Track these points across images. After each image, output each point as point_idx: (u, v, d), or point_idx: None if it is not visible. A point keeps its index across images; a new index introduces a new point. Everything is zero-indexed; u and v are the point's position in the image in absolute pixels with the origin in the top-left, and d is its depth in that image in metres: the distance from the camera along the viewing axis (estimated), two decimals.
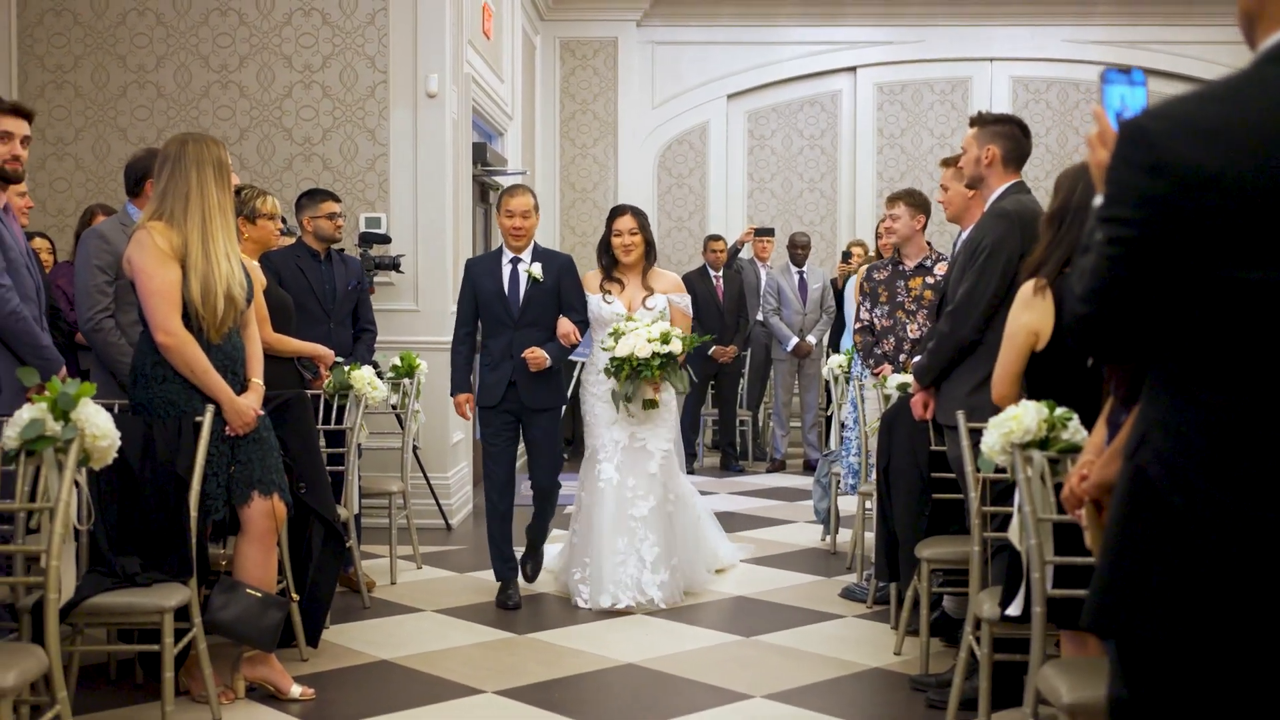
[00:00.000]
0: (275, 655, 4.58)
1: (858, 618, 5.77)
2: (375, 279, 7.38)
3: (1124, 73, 2.00)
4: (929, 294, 5.96)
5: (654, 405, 5.95)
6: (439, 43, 7.80)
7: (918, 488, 4.92)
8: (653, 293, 6.12)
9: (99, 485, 4.05)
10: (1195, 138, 1.75)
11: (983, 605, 3.85)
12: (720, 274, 10.48)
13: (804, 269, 10.62)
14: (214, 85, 7.91)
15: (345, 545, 5.26)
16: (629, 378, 5.82)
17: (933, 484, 4.87)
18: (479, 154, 8.98)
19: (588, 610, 5.82)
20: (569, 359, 6.28)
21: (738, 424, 10.95)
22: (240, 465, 4.43)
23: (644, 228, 6.14)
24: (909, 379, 5.10)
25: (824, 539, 7.39)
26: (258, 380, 4.53)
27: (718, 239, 10.69)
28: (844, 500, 7.32)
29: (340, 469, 5.76)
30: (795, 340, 10.42)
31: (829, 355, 8.82)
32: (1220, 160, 1.73)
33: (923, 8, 12.11)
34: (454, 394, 6.11)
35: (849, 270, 9.57)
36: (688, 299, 6.29)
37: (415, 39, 7.79)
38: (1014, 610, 3.57)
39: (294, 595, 4.85)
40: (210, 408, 4.28)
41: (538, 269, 5.98)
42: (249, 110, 7.90)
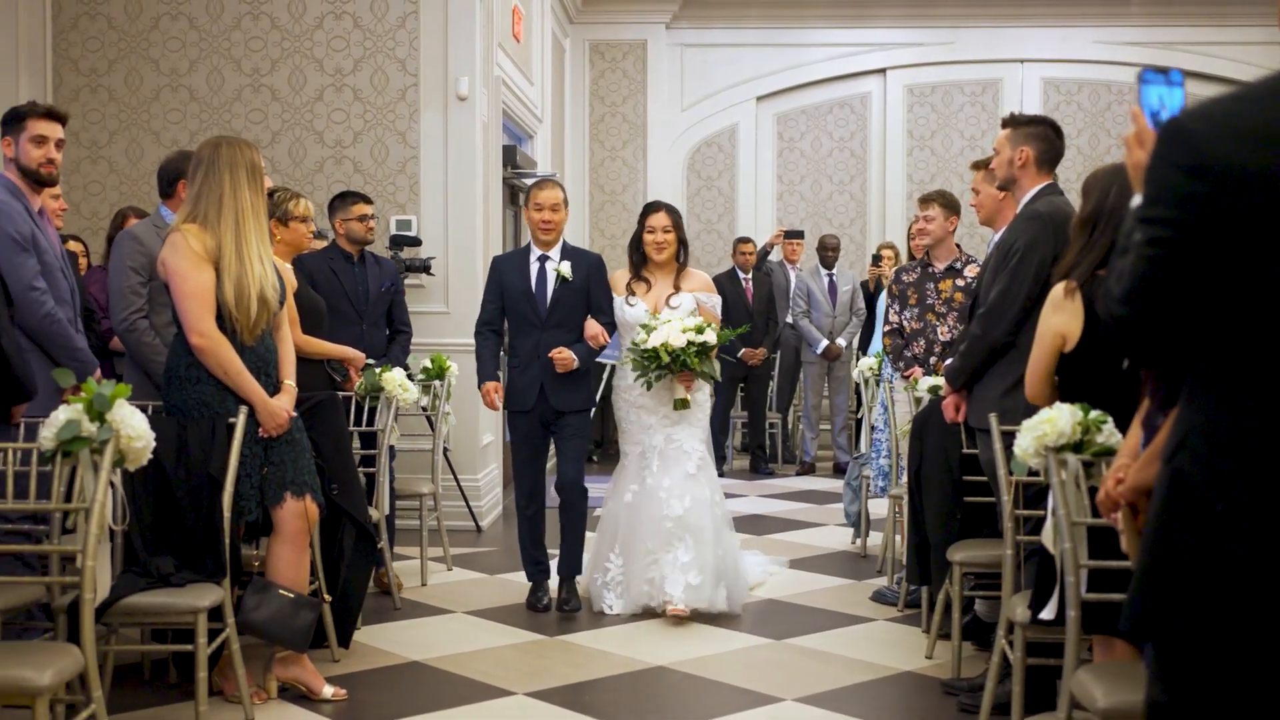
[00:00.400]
0: (307, 656, 4.60)
1: (889, 621, 5.75)
2: (406, 281, 7.41)
3: (1161, 73, 1.98)
4: (959, 296, 5.93)
5: (685, 405, 5.82)
6: (469, 46, 7.83)
7: (949, 491, 4.90)
8: (678, 291, 5.96)
9: (134, 486, 4.08)
10: (1236, 138, 1.74)
11: (1016, 609, 3.83)
12: (750, 276, 10.47)
13: (834, 271, 10.60)
14: (246, 88, 7.95)
15: (377, 546, 5.28)
16: (659, 371, 5.68)
17: (964, 487, 4.85)
18: (509, 156, 9.00)
19: (616, 613, 5.79)
20: (598, 361, 6.19)
21: (767, 427, 10.93)
22: (273, 466, 4.45)
23: (678, 226, 5.99)
24: (940, 381, 5.08)
25: (854, 542, 7.37)
26: (290, 382, 4.55)
27: (747, 241, 10.68)
28: (874, 503, 7.29)
29: (372, 470, 5.78)
30: (825, 343, 10.40)
31: (859, 358, 8.80)
32: (1262, 160, 1.72)
33: (953, 9, 12.06)
34: (481, 383, 5.91)
35: (879, 273, 9.55)
36: (717, 299, 6.12)
37: (446, 42, 7.82)
38: (1047, 614, 3.55)
39: (326, 596, 4.87)
40: (244, 409, 4.31)
41: (566, 268, 5.82)
42: (280, 113, 7.95)
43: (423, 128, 7.86)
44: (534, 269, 5.88)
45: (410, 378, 6.05)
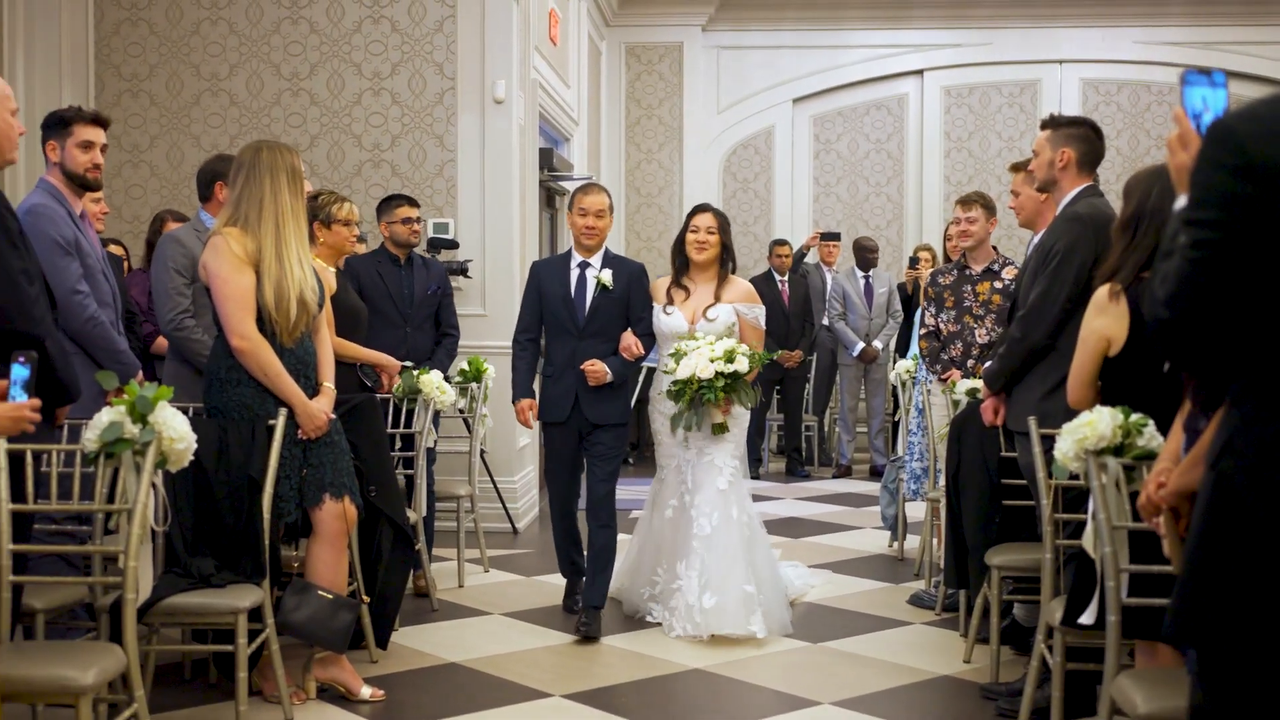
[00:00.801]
0: (346, 657, 4.63)
1: (926, 625, 5.73)
2: None
3: (1204, 74, 1.97)
4: (997, 299, 5.90)
5: (724, 430, 5.59)
6: (506, 49, 7.85)
7: (987, 494, 4.88)
8: (717, 302, 5.74)
9: (175, 487, 4.12)
10: None
11: (1055, 613, 3.80)
12: (786, 279, 10.46)
13: (870, 273, 10.57)
14: (285, 93, 8.01)
15: (414, 548, 5.30)
16: (692, 404, 5.46)
17: (1003, 490, 4.83)
18: (545, 159, 9.02)
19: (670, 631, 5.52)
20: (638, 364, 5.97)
21: (803, 429, 10.91)
22: (312, 468, 4.48)
23: (723, 230, 5.82)
24: (978, 384, 5.05)
25: (891, 545, 7.34)
26: (329, 384, 4.58)
27: (783, 244, 10.66)
28: (911, 506, 7.26)
29: (410, 472, 5.81)
30: (861, 345, 10.37)
31: (895, 360, 8.77)
32: None
33: (990, 10, 12.00)
34: (515, 400, 5.76)
35: (916, 276, 9.51)
36: (760, 310, 5.86)
37: (483, 45, 7.85)
38: (1086, 619, 3.53)
39: (364, 597, 4.90)
40: (283, 411, 4.34)
41: (608, 275, 5.64)
42: (319, 117, 8.00)
43: (460, 131, 7.89)
44: (574, 275, 5.70)
45: (447, 380, 6.07)
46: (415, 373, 5.83)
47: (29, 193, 4.85)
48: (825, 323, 10.71)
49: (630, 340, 5.60)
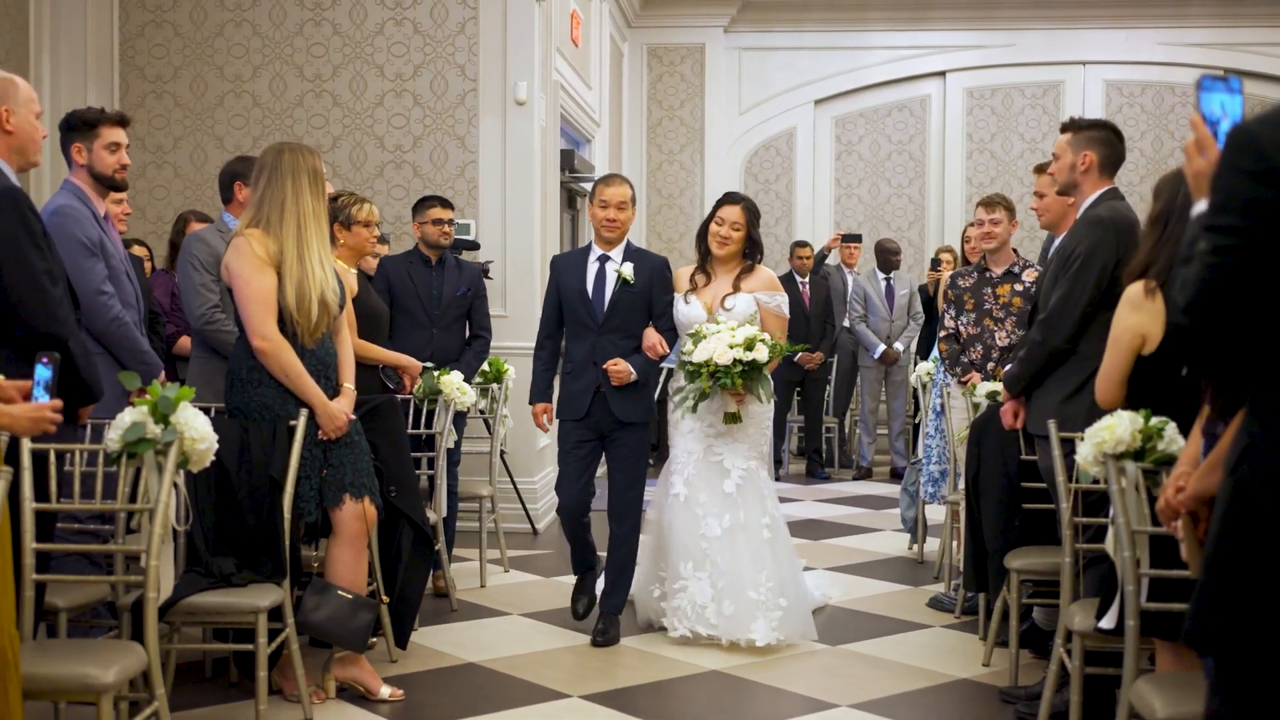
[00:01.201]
0: (365, 656, 4.65)
1: (945, 628, 5.72)
2: None
3: (1221, 80, 1.96)
4: (1017, 301, 5.87)
5: (735, 420, 5.40)
6: (528, 51, 7.87)
7: (1007, 497, 4.87)
8: (737, 292, 5.54)
9: (196, 487, 4.14)
10: None
11: (1074, 617, 3.79)
12: (806, 280, 10.46)
13: (891, 275, 10.55)
14: (308, 94, 8.05)
15: (434, 548, 5.32)
16: (706, 391, 5.28)
17: (1022, 493, 4.82)
18: (567, 160, 9.04)
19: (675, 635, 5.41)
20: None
21: (824, 431, 10.90)
22: (332, 469, 4.50)
23: (750, 224, 5.56)
24: (998, 387, 5.04)
25: (911, 548, 7.33)
26: (349, 385, 4.60)
27: (804, 245, 10.66)
28: (931, 509, 7.25)
29: (431, 473, 5.82)
30: (882, 347, 10.36)
31: (917, 362, 8.75)
32: None
33: (1013, 11, 11.96)
34: (532, 403, 5.62)
35: (938, 277, 9.48)
36: (782, 298, 5.64)
37: (504, 47, 7.87)
38: (1107, 623, 3.52)
39: (384, 597, 4.92)
40: (304, 412, 4.36)
41: (628, 269, 5.43)
42: (342, 119, 8.04)
43: (481, 132, 7.92)
44: (592, 269, 5.50)
45: (470, 381, 6.09)
46: (436, 374, 5.84)
47: (53, 194, 4.88)
48: (846, 324, 10.70)
49: (654, 338, 5.42)
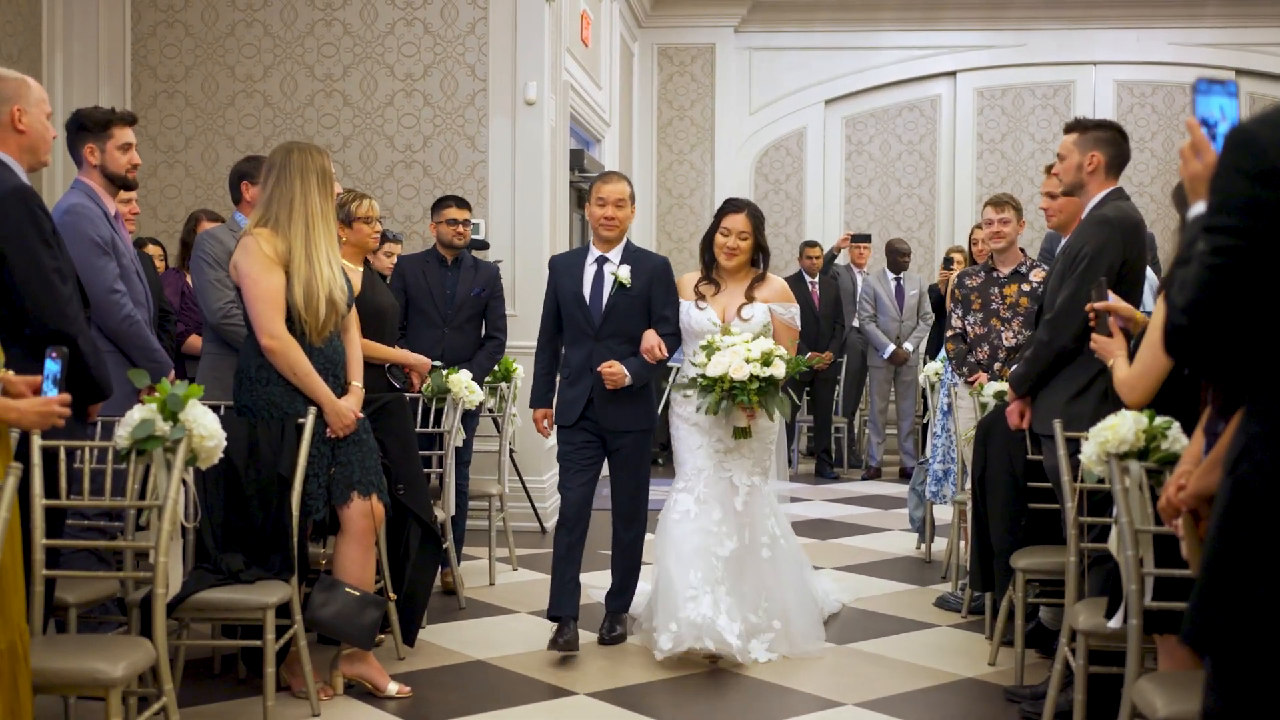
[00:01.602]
0: (373, 653, 4.67)
1: (952, 627, 5.72)
2: None
3: (1218, 83, 1.97)
4: (1025, 301, 5.87)
5: (745, 434, 5.21)
6: (538, 51, 7.89)
7: (1013, 497, 4.88)
8: (752, 301, 5.35)
9: (205, 484, 4.17)
10: None
11: (1079, 616, 3.80)
12: (816, 280, 10.46)
13: (900, 275, 10.55)
14: (318, 94, 8.08)
15: (442, 546, 5.33)
16: (720, 401, 5.05)
17: (1029, 493, 4.82)
18: (576, 160, 9.05)
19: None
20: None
21: (833, 431, 10.90)
22: (340, 466, 4.53)
23: (756, 230, 5.35)
24: (1004, 387, 5.05)
25: (919, 547, 7.33)
26: (358, 383, 4.63)
27: (814, 245, 10.67)
28: (939, 509, 7.25)
29: (440, 471, 5.84)
30: (891, 347, 10.36)
31: (926, 362, 8.75)
32: None
33: (1024, 11, 11.95)
34: (533, 407, 5.49)
35: (949, 277, 9.47)
36: (795, 310, 5.44)
37: (514, 47, 7.89)
38: (1115, 623, 3.52)
39: (391, 594, 4.94)
40: (312, 410, 4.38)
41: (625, 272, 5.22)
42: (352, 118, 8.06)
43: (491, 132, 7.94)
44: (589, 272, 5.30)
45: (478, 381, 6.10)
46: (444, 373, 5.86)
47: (64, 193, 4.91)
48: (856, 324, 10.71)
49: (653, 341, 5.17)
